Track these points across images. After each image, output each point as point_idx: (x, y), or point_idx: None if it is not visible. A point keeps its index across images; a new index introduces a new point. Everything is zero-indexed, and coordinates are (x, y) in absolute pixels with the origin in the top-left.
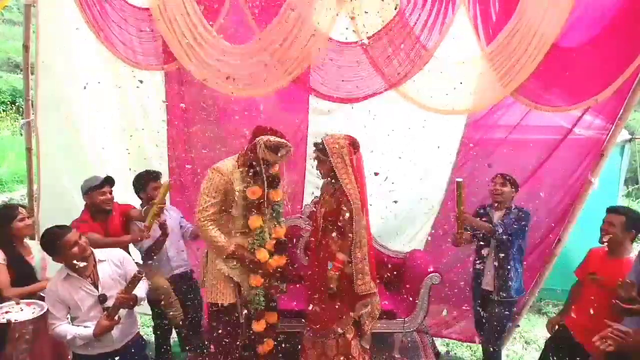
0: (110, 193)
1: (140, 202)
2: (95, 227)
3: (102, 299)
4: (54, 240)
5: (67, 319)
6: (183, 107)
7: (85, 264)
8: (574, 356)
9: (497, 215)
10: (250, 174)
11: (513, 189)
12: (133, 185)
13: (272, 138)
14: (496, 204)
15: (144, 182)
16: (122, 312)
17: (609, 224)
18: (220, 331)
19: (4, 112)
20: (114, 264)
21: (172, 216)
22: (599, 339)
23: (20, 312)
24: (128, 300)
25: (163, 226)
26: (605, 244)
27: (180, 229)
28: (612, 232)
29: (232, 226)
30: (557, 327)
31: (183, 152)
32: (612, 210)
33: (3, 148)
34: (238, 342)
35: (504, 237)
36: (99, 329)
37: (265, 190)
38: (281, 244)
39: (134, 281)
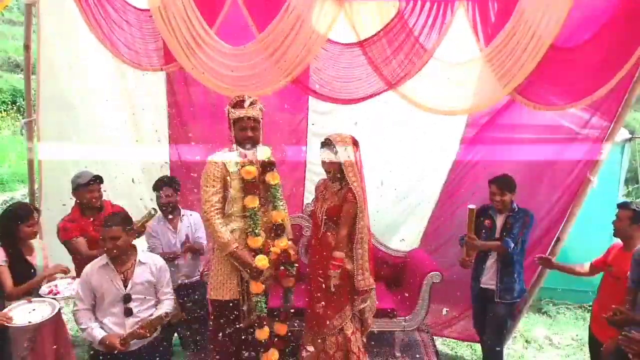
0: (98, 191)
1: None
2: (85, 224)
3: (127, 299)
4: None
5: (92, 306)
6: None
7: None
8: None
9: (500, 218)
10: (241, 153)
11: (512, 194)
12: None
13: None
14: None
15: (157, 187)
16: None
17: (618, 219)
18: (222, 329)
19: (5, 112)
20: (151, 271)
21: (187, 223)
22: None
23: (33, 312)
24: (144, 336)
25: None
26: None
27: (193, 237)
28: (620, 226)
29: (231, 209)
30: None
31: (184, 151)
32: (621, 205)
33: (4, 148)
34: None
35: (516, 247)
36: (106, 345)
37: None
38: (278, 227)
39: (157, 321)
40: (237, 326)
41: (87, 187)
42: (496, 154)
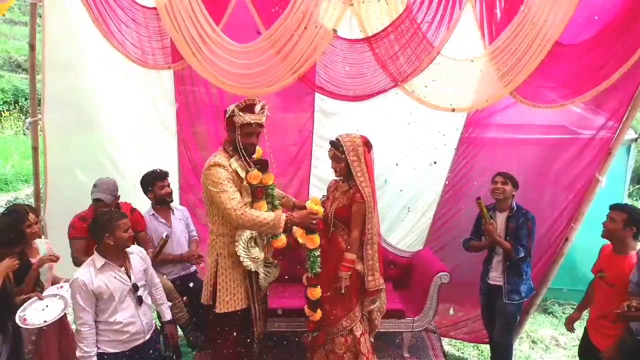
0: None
1: (150, 202)
2: None
3: (135, 288)
4: (109, 220)
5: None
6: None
7: None
8: (590, 355)
9: (500, 217)
10: (244, 159)
11: (513, 189)
12: (141, 185)
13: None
14: (498, 205)
15: (150, 182)
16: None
17: (611, 220)
18: (231, 340)
19: (8, 112)
20: (140, 257)
21: (179, 216)
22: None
23: (46, 308)
24: None
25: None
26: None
27: (186, 229)
28: (613, 228)
29: None
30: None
31: (192, 150)
32: (615, 207)
33: (7, 148)
34: (250, 343)
35: (526, 259)
36: None
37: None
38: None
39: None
40: (248, 334)
41: (95, 202)
42: (499, 153)
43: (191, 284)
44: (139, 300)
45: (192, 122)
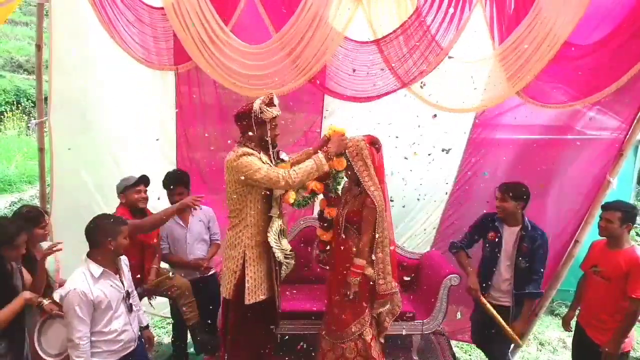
0: (145, 192)
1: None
2: None
3: (128, 295)
4: (113, 224)
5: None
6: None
7: None
8: (588, 351)
9: (508, 231)
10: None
11: (517, 203)
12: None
13: (261, 97)
14: (504, 220)
15: (169, 184)
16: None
17: (607, 221)
18: (252, 331)
19: (10, 113)
20: (125, 264)
21: (199, 217)
22: None
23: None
24: None
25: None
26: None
27: (207, 232)
28: (611, 228)
29: (277, 212)
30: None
31: (193, 151)
32: (607, 207)
33: (9, 148)
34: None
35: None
36: None
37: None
38: None
39: None
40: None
41: (134, 187)
42: (510, 154)
43: (201, 284)
44: (130, 308)
45: (193, 123)
